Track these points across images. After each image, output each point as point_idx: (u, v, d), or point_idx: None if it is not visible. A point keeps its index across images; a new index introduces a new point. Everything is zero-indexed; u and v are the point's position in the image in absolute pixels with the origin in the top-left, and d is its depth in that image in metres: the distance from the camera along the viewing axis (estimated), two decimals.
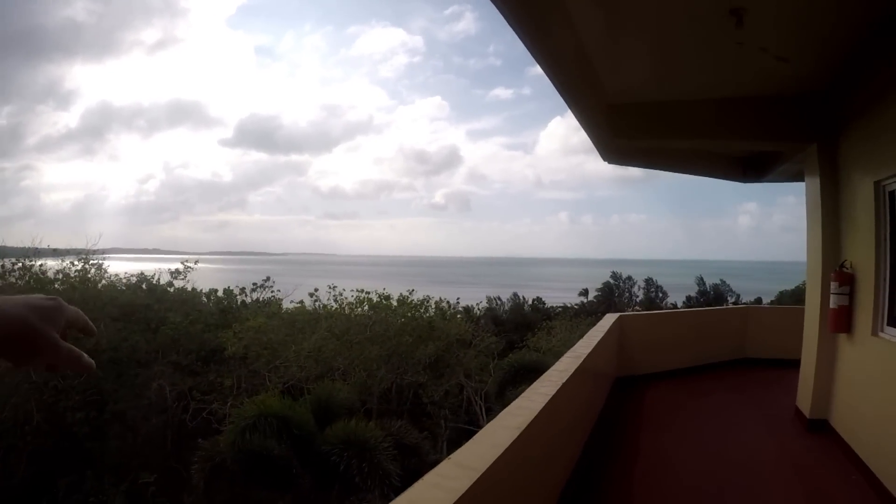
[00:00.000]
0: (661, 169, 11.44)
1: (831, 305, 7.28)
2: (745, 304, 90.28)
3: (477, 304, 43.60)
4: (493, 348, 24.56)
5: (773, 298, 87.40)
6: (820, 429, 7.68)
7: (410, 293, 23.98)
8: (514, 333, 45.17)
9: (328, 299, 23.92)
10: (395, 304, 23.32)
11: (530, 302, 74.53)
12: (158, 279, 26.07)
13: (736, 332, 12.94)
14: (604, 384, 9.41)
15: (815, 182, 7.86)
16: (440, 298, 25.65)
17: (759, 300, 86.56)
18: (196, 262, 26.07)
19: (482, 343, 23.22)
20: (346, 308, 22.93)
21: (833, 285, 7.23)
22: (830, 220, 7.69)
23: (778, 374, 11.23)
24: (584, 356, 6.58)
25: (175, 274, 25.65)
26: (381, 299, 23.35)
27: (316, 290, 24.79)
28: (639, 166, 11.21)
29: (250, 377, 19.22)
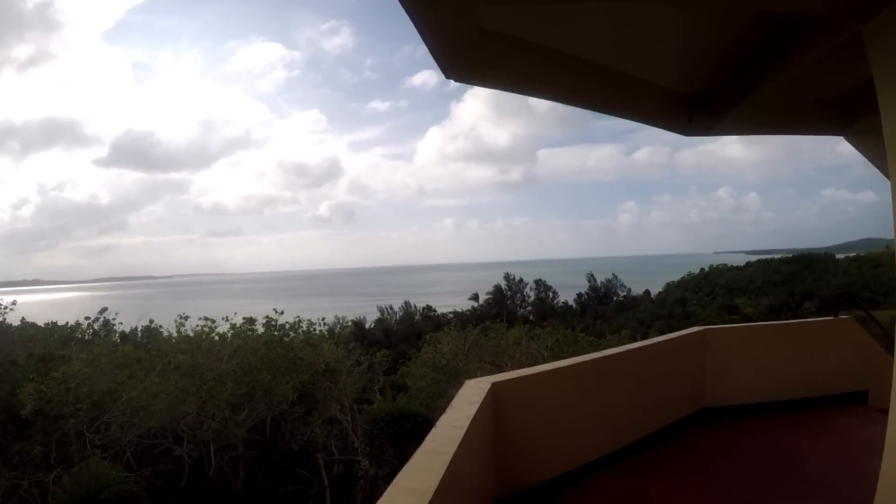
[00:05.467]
0: (550, 96, 6.08)
1: None
2: (635, 296, 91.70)
3: (356, 318, 40.55)
4: (378, 367, 21.77)
5: (661, 289, 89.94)
6: None
7: (279, 314, 20.61)
8: (404, 344, 43.10)
9: (175, 329, 20.39)
10: (260, 329, 19.93)
11: (421, 310, 72.82)
12: None
13: (690, 373, 8.59)
14: None
15: None
16: (310, 320, 22.25)
17: (647, 292, 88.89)
18: (14, 301, 21.99)
19: (359, 367, 20.14)
20: (202, 337, 19.27)
21: None
22: None
23: (774, 439, 7.49)
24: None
25: None
26: (244, 323, 19.94)
27: (151, 321, 21.33)
28: (507, 87, 5.98)
29: (70, 441, 15.40)
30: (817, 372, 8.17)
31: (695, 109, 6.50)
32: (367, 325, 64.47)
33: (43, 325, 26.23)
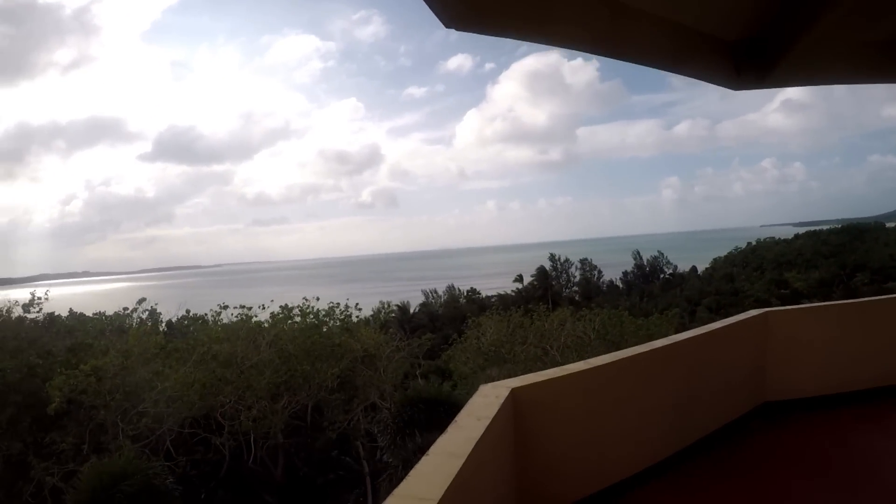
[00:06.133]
0: (567, 42, 5.05)
1: None
2: (682, 273, 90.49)
3: (400, 303, 40.35)
4: (418, 351, 21.82)
5: (707, 265, 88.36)
6: None
7: (313, 301, 20.24)
8: (449, 328, 42.66)
9: (212, 318, 20.26)
10: (297, 317, 19.62)
11: (465, 293, 72.60)
12: (9, 312, 21.66)
13: (749, 363, 7.48)
14: None
15: None
16: (346, 305, 21.79)
17: (694, 269, 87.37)
18: (46, 291, 21.92)
19: (399, 353, 19.74)
20: (240, 326, 19.00)
21: None
22: None
23: (845, 438, 6.54)
24: None
25: (27, 306, 21.37)
26: (281, 311, 19.70)
27: (188, 311, 21.19)
28: (519, 34, 4.62)
29: (106, 431, 15.26)
30: (893, 357, 7.27)
31: (742, 58, 5.42)
32: (411, 310, 64.52)
33: (91, 315, 27.01)
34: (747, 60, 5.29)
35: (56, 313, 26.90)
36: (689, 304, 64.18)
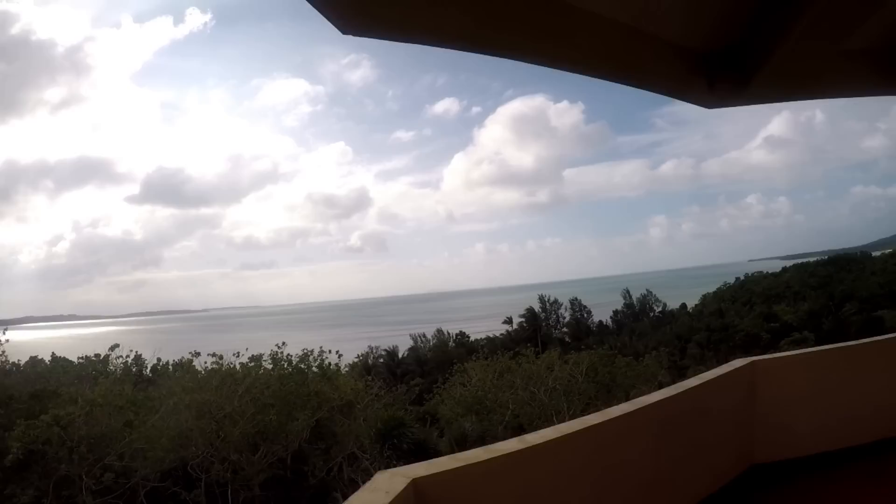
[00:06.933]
0: (509, 53, 4.21)
1: None
2: (671, 310, 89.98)
3: (389, 348, 39.82)
4: (405, 398, 21.55)
5: (697, 302, 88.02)
6: None
7: (284, 348, 19.53)
8: (437, 372, 41.82)
9: (184, 366, 19.61)
10: (268, 364, 18.94)
11: (454, 336, 71.86)
12: None
13: (734, 422, 6.49)
14: None
15: None
16: (321, 350, 21.02)
17: (683, 306, 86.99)
18: (4, 330, 21.27)
19: (380, 401, 19.13)
20: (213, 375, 18.31)
21: None
22: None
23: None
24: None
25: None
26: (251, 361, 19.03)
27: (159, 359, 20.56)
28: (433, 39, 3.76)
29: (73, 483, 14.55)
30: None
31: (716, 73, 4.83)
32: (400, 354, 63.87)
33: (77, 360, 26.12)
34: (721, 74, 4.75)
35: (39, 356, 26.37)
36: (679, 341, 63.80)
